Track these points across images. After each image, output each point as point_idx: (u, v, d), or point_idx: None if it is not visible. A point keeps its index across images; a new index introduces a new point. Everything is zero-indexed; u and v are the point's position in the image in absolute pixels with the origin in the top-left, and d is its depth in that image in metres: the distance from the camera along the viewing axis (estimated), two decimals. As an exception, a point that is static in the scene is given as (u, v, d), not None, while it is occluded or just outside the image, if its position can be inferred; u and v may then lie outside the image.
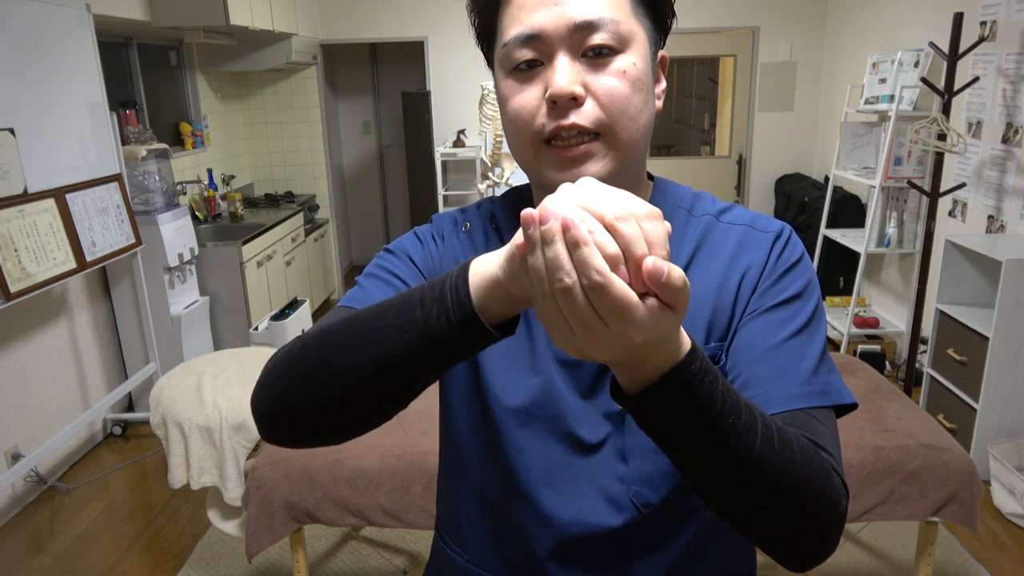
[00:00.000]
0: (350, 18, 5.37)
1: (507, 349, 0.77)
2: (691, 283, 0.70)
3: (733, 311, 0.74)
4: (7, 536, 2.75)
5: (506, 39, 0.69)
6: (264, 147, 5.55)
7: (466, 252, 0.81)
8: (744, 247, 0.76)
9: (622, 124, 0.67)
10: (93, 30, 3.06)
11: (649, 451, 0.74)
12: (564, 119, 0.67)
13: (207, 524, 2.74)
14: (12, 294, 2.54)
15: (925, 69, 3.73)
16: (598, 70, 0.67)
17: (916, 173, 3.77)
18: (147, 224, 3.41)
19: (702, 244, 0.77)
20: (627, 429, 0.75)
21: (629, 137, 0.68)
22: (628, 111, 0.67)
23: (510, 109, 0.70)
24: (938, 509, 1.89)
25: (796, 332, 0.71)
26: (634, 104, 0.67)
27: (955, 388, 3.04)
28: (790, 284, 0.73)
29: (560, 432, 0.76)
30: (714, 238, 0.77)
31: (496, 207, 0.84)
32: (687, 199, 0.80)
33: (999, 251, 2.82)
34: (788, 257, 0.75)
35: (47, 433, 3.06)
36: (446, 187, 5.25)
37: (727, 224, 0.78)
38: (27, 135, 2.69)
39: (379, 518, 1.91)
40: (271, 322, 3.29)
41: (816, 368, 0.69)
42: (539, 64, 0.68)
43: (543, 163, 0.70)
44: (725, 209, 0.79)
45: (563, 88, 0.65)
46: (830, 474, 0.62)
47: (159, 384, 2.14)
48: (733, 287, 0.74)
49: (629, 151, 0.69)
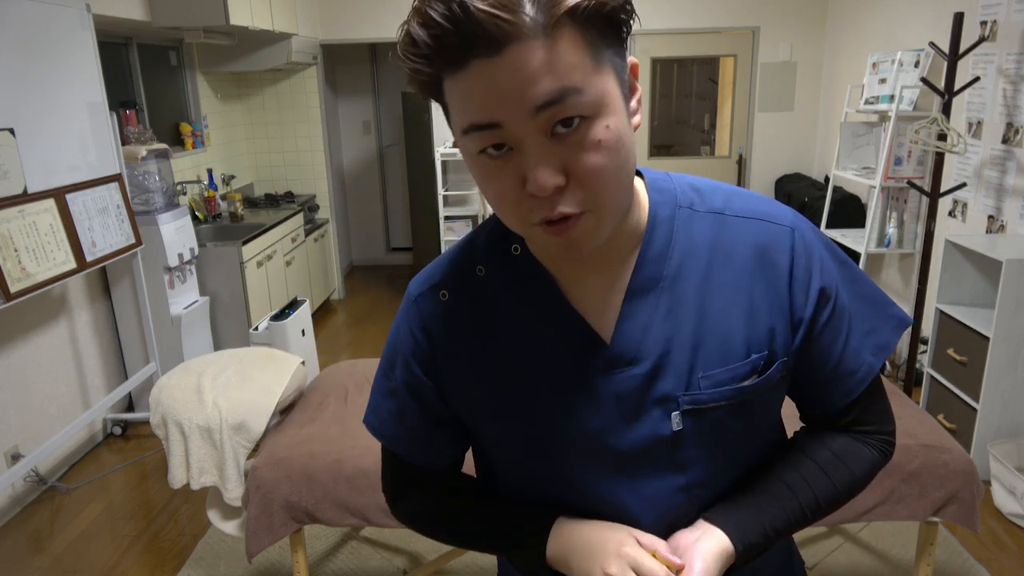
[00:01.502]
0: (350, 18, 5.37)
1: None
2: (713, 294, 0.73)
3: (789, 323, 0.75)
4: (7, 536, 2.75)
5: (464, 125, 0.61)
6: (264, 147, 5.55)
7: (497, 300, 0.77)
8: (765, 247, 0.74)
9: (610, 195, 0.63)
10: (93, 30, 3.06)
11: (702, 459, 0.77)
12: (551, 212, 0.62)
13: (207, 524, 2.74)
14: (12, 294, 2.53)
15: (925, 69, 3.73)
16: (574, 148, 0.60)
17: (916, 173, 3.77)
18: (147, 224, 3.41)
19: (717, 247, 0.73)
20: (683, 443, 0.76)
21: (619, 200, 0.65)
22: (615, 180, 0.63)
23: (491, 195, 0.65)
24: (938, 509, 1.89)
25: (845, 335, 0.77)
26: (619, 169, 0.62)
27: (955, 388, 3.04)
28: (823, 281, 0.75)
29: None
30: (728, 238, 0.74)
31: (496, 241, 0.78)
32: (686, 195, 0.76)
33: (999, 251, 2.82)
34: (810, 252, 0.75)
35: (47, 433, 3.06)
36: (446, 187, 5.25)
37: (737, 218, 0.75)
38: (27, 135, 2.68)
39: (379, 518, 1.91)
40: (271, 322, 3.29)
41: (864, 352, 0.79)
42: (508, 148, 0.61)
43: (535, 234, 0.66)
44: (725, 201, 0.76)
45: (543, 186, 0.60)
46: (874, 459, 0.83)
47: (159, 384, 2.14)
48: (769, 292, 0.74)
49: (621, 208, 0.66)
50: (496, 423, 0.79)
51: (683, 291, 0.72)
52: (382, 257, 6.88)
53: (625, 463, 0.75)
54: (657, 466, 0.75)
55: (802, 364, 0.77)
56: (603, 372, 0.73)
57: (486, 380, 0.77)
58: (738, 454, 0.79)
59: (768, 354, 0.73)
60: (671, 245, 0.73)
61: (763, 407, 0.77)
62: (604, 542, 0.74)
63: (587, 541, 0.75)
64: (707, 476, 0.77)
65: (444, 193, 4.93)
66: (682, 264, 0.73)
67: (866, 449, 0.83)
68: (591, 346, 0.73)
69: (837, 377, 0.78)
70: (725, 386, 0.73)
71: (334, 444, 1.97)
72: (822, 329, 0.75)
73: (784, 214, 0.76)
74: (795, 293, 0.73)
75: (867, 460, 0.82)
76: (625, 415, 0.74)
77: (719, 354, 0.72)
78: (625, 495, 0.76)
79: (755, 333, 0.73)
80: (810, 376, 0.78)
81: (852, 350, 0.77)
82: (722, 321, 0.72)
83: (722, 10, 5.19)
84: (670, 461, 0.75)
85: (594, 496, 0.77)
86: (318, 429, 2.06)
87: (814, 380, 0.79)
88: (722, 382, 0.72)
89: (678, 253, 0.73)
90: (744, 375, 0.73)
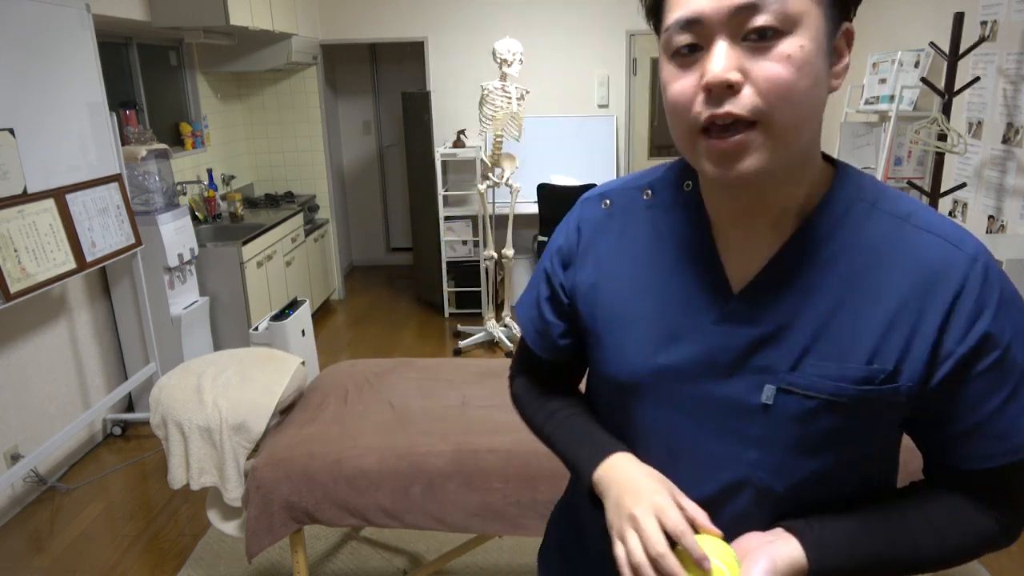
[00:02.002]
0: (350, 18, 5.37)
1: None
2: (858, 292, 0.70)
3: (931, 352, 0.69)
4: (7, 536, 2.75)
5: (667, 23, 0.66)
6: (264, 147, 5.55)
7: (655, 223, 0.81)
8: (936, 267, 0.68)
9: (783, 112, 0.63)
10: (93, 30, 3.06)
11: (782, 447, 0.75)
12: (719, 108, 0.63)
13: (207, 524, 2.74)
14: (12, 294, 2.53)
15: (925, 69, 3.73)
16: (760, 55, 0.62)
17: (916, 173, 3.77)
18: (147, 224, 3.41)
19: (884, 250, 0.70)
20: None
21: (791, 126, 0.64)
22: (791, 98, 0.63)
23: (668, 97, 0.68)
24: (938, 509, 1.89)
25: (1008, 393, 0.69)
26: (799, 90, 0.63)
27: (955, 388, 3.04)
28: (994, 325, 0.68)
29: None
30: (900, 246, 0.70)
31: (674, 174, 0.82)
32: (869, 191, 0.72)
33: (999, 251, 2.82)
34: (987, 290, 0.68)
35: (47, 433, 3.06)
36: (446, 187, 5.25)
37: (918, 229, 0.70)
38: (27, 135, 2.68)
39: (379, 519, 1.91)
40: (271, 322, 3.29)
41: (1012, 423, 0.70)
42: (700, 49, 0.65)
43: (699, 154, 0.68)
44: (913, 210, 0.71)
45: (717, 76, 0.62)
46: (992, 533, 0.74)
47: (159, 384, 2.14)
48: (920, 313, 0.68)
49: (790, 142, 0.65)
50: (605, 333, 0.82)
51: (830, 277, 0.70)
52: (382, 257, 6.88)
53: (702, 414, 0.76)
54: (731, 431, 0.74)
55: (942, 406, 0.70)
56: (719, 320, 0.74)
57: (613, 291, 0.81)
58: (826, 467, 0.74)
59: (892, 372, 0.69)
60: (837, 230, 0.71)
61: (867, 426, 0.72)
62: (644, 487, 0.75)
63: (630, 480, 0.76)
64: (780, 467, 0.74)
65: (444, 193, 4.93)
66: (840, 253, 0.71)
67: (988, 520, 0.74)
68: (719, 293, 0.75)
69: (982, 434, 0.70)
70: (831, 381, 0.70)
71: (334, 444, 1.97)
72: (978, 375, 0.68)
73: (971, 243, 0.69)
74: (952, 325, 0.68)
75: (985, 531, 0.74)
76: (722, 369, 0.74)
77: (838, 349, 0.70)
78: (688, 446, 0.77)
79: (887, 345, 0.69)
80: (951, 422, 0.71)
81: (1013, 414, 0.69)
82: (856, 320, 0.69)
83: (722, 10, 5.19)
84: (746, 433, 0.74)
85: (656, 436, 0.80)
86: (318, 429, 2.06)
87: (955, 428, 0.71)
88: (829, 376, 0.70)
89: (841, 241, 0.71)
90: (856, 379, 0.69)
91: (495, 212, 4.59)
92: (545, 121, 5.19)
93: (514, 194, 4.38)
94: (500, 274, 4.96)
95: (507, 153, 4.32)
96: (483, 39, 5.29)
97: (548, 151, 5.01)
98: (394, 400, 2.22)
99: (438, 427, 2.04)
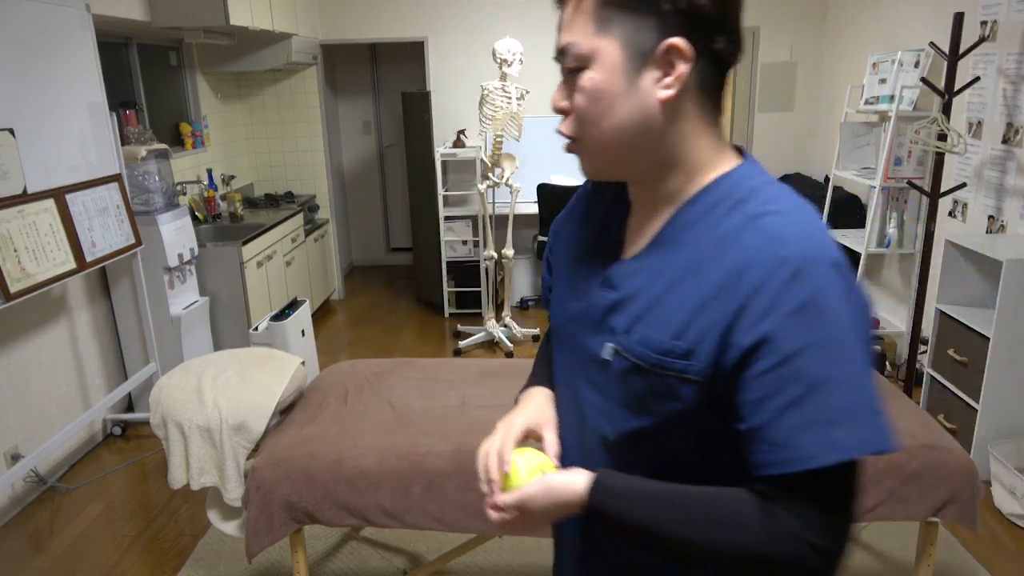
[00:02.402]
0: (350, 18, 5.37)
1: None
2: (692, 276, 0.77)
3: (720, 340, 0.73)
4: (7, 536, 2.75)
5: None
6: (264, 147, 5.55)
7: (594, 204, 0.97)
8: (749, 263, 0.72)
9: (587, 133, 0.80)
10: (93, 30, 3.06)
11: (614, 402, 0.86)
12: (561, 125, 0.83)
13: (207, 524, 2.74)
14: (12, 294, 2.53)
15: (925, 69, 3.73)
16: (573, 87, 0.79)
17: (916, 173, 3.77)
18: (147, 224, 3.41)
19: (725, 241, 0.75)
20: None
21: (596, 141, 0.80)
22: (588, 120, 0.79)
23: None
24: (938, 509, 1.89)
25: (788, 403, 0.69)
26: (592, 114, 0.78)
27: (955, 388, 3.04)
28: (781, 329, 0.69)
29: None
30: (737, 240, 0.74)
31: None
32: (742, 192, 0.78)
33: (999, 251, 2.82)
34: (790, 294, 0.69)
35: (47, 433, 3.06)
36: (446, 187, 5.25)
37: (757, 230, 0.74)
38: (27, 135, 2.68)
39: (379, 519, 1.91)
40: (271, 322, 3.29)
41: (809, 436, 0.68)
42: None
43: None
44: (768, 212, 0.75)
45: (553, 103, 0.83)
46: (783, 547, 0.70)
47: (159, 384, 2.14)
48: (724, 303, 0.72)
49: (601, 153, 0.81)
50: (553, 286, 1.01)
51: (678, 262, 0.79)
52: (382, 257, 6.88)
53: (580, 360, 0.90)
54: (590, 379, 0.89)
55: (732, 401, 0.73)
56: (600, 284, 0.87)
57: (560, 253, 0.99)
58: (645, 427, 0.81)
59: (689, 351, 0.75)
60: (699, 223, 0.79)
61: (672, 396, 0.77)
62: (519, 411, 0.98)
63: (519, 406, 1.00)
64: (612, 417, 0.85)
65: (444, 193, 4.93)
66: (693, 242, 0.78)
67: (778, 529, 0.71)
68: (609, 262, 0.88)
69: (762, 439, 0.71)
70: (642, 347, 0.79)
71: (334, 444, 1.97)
72: (758, 375, 0.70)
73: (798, 247, 0.71)
74: (742, 318, 0.71)
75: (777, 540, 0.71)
76: (592, 324, 0.87)
77: (660, 322, 0.78)
78: (571, 385, 0.93)
79: (692, 326, 0.75)
80: (739, 421, 0.73)
81: (792, 424, 0.69)
82: (681, 300, 0.77)
83: (722, 10, 5.19)
84: (596, 382, 0.87)
85: (560, 372, 0.98)
86: (318, 429, 2.06)
87: (743, 428, 0.73)
88: (643, 343, 0.79)
89: (697, 233, 0.79)
90: (658, 349, 0.77)
91: (495, 212, 4.59)
92: (545, 121, 5.18)
93: (514, 194, 4.38)
94: (500, 274, 4.96)
95: (507, 153, 4.32)
96: (483, 39, 5.29)
97: (548, 151, 5.01)
98: (394, 400, 2.22)
99: (438, 427, 2.04)
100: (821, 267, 0.70)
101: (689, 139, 0.79)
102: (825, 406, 0.68)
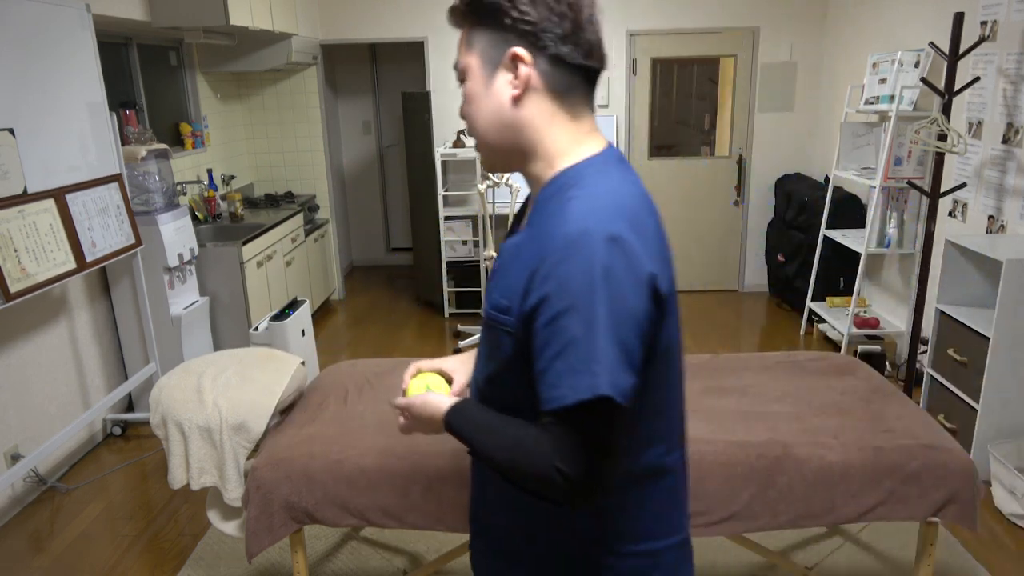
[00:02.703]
0: (350, 18, 5.37)
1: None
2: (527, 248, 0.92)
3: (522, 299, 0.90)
4: (7, 536, 2.75)
5: None
6: (264, 147, 5.55)
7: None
8: (547, 237, 0.88)
9: (474, 132, 1.00)
10: (93, 30, 3.06)
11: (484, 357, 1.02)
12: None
13: (207, 524, 2.74)
14: (12, 294, 2.53)
15: (925, 69, 3.73)
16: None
17: (916, 173, 3.77)
18: (147, 224, 3.41)
19: (549, 219, 0.91)
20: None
21: (480, 138, 1.00)
22: (470, 121, 1.00)
23: None
24: (938, 509, 1.89)
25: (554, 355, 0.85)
26: (470, 116, 0.99)
27: (955, 388, 3.04)
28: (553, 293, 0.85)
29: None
30: (552, 219, 0.90)
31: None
32: (572, 180, 0.93)
33: (999, 251, 2.82)
34: (562, 264, 0.85)
35: (47, 433, 3.06)
36: (446, 187, 5.25)
37: (563, 210, 0.89)
38: (27, 135, 2.68)
39: (379, 519, 1.91)
40: (271, 322, 3.29)
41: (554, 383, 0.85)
42: None
43: None
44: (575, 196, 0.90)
45: (460, 111, 1.02)
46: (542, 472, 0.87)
47: (159, 384, 2.13)
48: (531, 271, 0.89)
49: (484, 147, 1.00)
50: None
51: (526, 236, 0.94)
52: (382, 257, 6.88)
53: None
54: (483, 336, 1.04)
55: (530, 348, 0.90)
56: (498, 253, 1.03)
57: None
58: (494, 372, 0.99)
59: (508, 307, 0.93)
60: (546, 204, 0.94)
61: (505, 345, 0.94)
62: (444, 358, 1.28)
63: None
64: (480, 364, 1.04)
65: (444, 193, 4.93)
66: (536, 220, 0.94)
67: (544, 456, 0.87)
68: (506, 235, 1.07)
69: (541, 380, 0.87)
70: (489, 307, 0.97)
71: (334, 444, 1.97)
72: (540, 328, 0.87)
73: (577, 227, 0.86)
74: (533, 282, 0.88)
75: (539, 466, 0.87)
76: (489, 287, 1.01)
77: (503, 284, 0.94)
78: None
79: (514, 288, 0.92)
80: (533, 364, 0.89)
81: (558, 370, 0.85)
82: (516, 266, 0.92)
83: (722, 10, 5.19)
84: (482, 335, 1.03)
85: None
86: (318, 429, 2.06)
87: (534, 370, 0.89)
88: (489, 302, 0.97)
89: (541, 212, 0.94)
90: (493, 307, 0.95)
91: (495, 212, 4.59)
92: (545, 121, 5.18)
93: (514, 194, 4.38)
94: (500, 274, 4.96)
95: (507, 153, 4.32)
96: (483, 39, 5.29)
97: (548, 151, 5.01)
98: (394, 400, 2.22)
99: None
100: (595, 240, 0.84)
101: (543, 132, 0.96)
102: (576, 358, 0.84)
